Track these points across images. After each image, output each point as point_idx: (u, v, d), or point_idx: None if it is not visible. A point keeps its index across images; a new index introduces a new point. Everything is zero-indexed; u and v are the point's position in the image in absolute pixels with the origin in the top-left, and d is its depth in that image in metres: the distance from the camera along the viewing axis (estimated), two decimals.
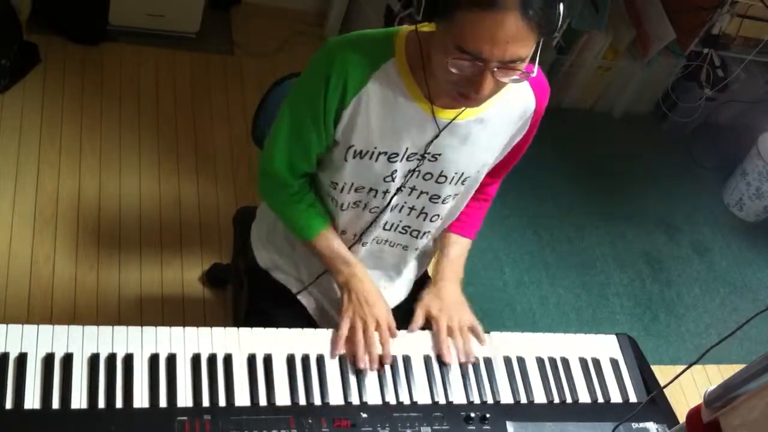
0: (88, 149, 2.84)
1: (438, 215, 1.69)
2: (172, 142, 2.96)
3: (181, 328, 1.55)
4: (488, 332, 1.75)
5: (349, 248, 1.73)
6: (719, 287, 3.35)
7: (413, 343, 1.67)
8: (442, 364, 1.64)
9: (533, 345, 1.75)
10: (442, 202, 1.66)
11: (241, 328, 1.59)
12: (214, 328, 1.57)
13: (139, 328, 1.52)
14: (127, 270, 2.59)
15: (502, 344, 1.73)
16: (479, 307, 2.92)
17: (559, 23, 1.31)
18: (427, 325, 1.71)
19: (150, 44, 3.20)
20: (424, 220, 1.69)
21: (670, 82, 3.72)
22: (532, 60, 1.33)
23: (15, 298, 2.43)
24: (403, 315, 1.73)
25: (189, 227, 2.76)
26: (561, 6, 1.30)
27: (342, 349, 1.59)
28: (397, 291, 1.88)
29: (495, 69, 1.30)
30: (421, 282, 1.94)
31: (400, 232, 1.73)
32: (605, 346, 1.81)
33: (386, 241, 1.75)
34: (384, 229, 1.71)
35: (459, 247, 1.78)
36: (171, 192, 2.83)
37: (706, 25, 3.44)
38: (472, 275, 3.01)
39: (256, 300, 1.87)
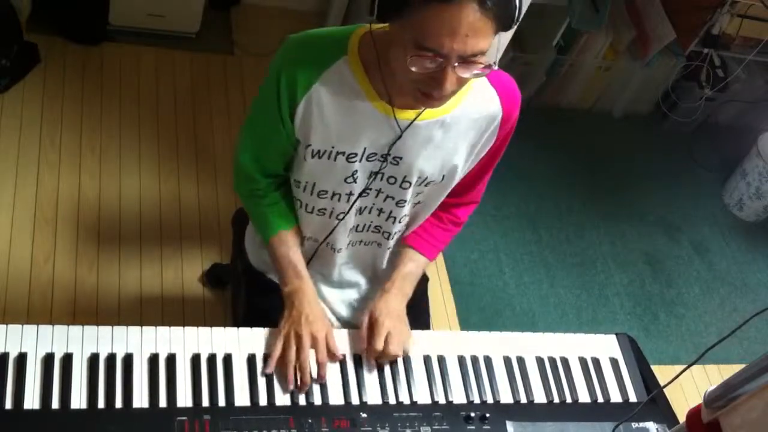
0: (88, 149, 2.84)
1: (406, 215, 1.69)
2: (172, 142, 2.95)
3: (180, 328, 1.55)
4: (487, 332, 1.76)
5: (315, 252, 1.73)
6: (719, 287, 3.35)
7: (413, 344, 1.67)
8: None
9: (533, 345, 1.75)
10: (408, 205, 1.65)
11: (240, 328, 1.59)
12: (213, 328, 1.57)
13: (139, 328, 1.52)
14: (127, 270, 2.59)
15: (502, 344, 1.74)
16: (479, 307, 2.94)
17: (516, 14, 1.30)
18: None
19: (150, 44, 3.20)
20: (393, 222, 1.68)
21: (670, 82, 3.71)
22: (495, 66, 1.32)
23: (15, 298, 2.43)
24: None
25: (189, 227, 2.76)
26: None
27: (272, 368, 1.54)
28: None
29: (456, 64, 1.28)
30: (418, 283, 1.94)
31: (372, 231, 1.72)
32: (605, 346, 1.81)
33: (360, 242, 1.74)
34: (357, 231, 1.70)
35: (414, 264, 1.75)
36: (171, 192, 2.82)
37: (706, 25, 3.44)
38: (472, 275, 3.01)
39: (254, 301, 1.87)
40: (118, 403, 1.42)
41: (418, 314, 1.95)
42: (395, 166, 1.55)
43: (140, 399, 1.44)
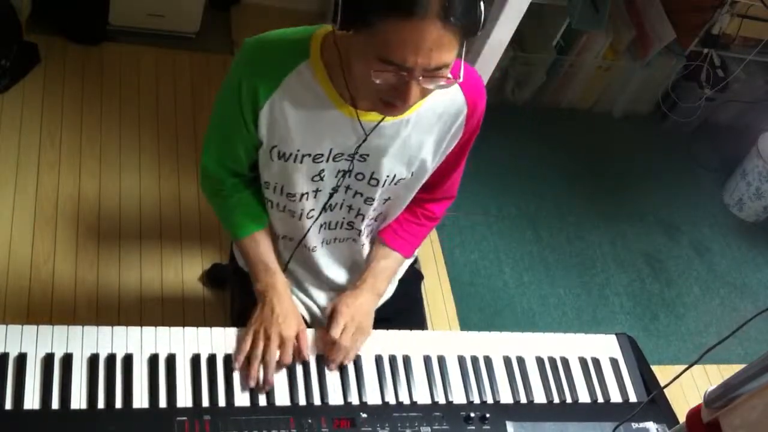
0: (88, 149, 2.84)
1: (375, 211, 1.68)
2: (172, 142, 2.95)
3: (180, 328, 1.55)
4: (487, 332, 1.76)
5: (292, 254, 1.72)
6: (719, 287, 3.35)
7: (413, 343, 1.68)
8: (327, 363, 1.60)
9: (533, 345, 1.75)
10: (377, 203, 1.64)
11: (240, 329, 1.59)
12: (213, 329, 1.57)
13: (139, 328, 1.52)
14: (127, 270, 2.59)
15: (502, 344, 1.74)
16: (479, 307, 2.94)
17: (481, 22, 1.28)
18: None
19: (150, 44, 3.20)
20: (362, 220, 1.68)
21: (670, 82, 3.71)
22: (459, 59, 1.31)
23: (15, 298, 2.43)
24: (393, 312, 1.76)
25: (189, 227, 2.76)
26: (482, 4, 1.27)
27: (240, 363, 1.53)
28: None
29: (420, 78, 1.27)
30: (411, 280, 1.94)
31: (345, 228, 1.71)
32: (605, 346, 1.81)
33: (335, 239, 1.74)
34: (329, 228, 1.70)
35: (388, 261, 1.74)
36: (171, 192, 2.82)
37: (706, 25, 3.44)
38: (472, 275, 3.01)
39: (245, 300, 1.86)
40: (118, 404, 1.42)
41: (414, 313, 1.95)
42: (362, 162, 1.55)
43: (140, 399, 1.44)
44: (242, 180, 1.65)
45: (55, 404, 1.39)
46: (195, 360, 1.51)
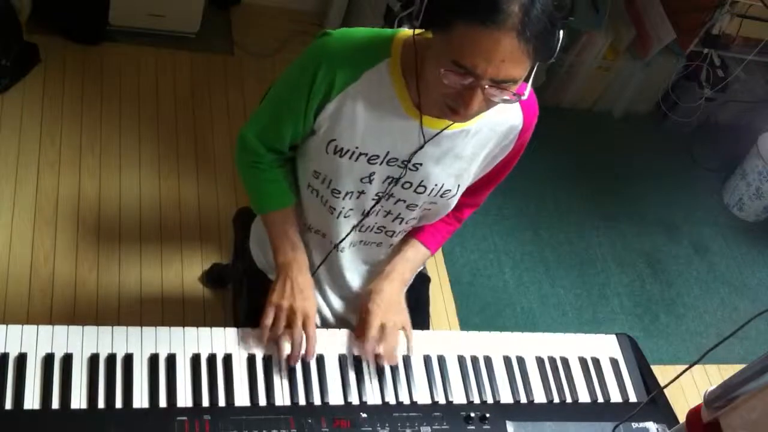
0: (88, 149, 2.84)
1: (414, 218, 1.70)
2: (172, 142, 2.95)
3: (180, 328, 1.55)
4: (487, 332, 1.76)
5: (327, 256, 1.73)
6: (719, 287, 3.35)
7: (413, 344, 1.68)
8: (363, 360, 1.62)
9: (533, 345, 1.76)
10: (419, 210, 1.66)
11: (241, 329, 1.59)
12: (213, 329, 1.57)
13: (139, 328, 1.52)
14: (127, 270, 2.59)
15: (502, 344, 1.74)
16: (479, 307, 2.94)
17: (557, 49, 1.31)
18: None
19: (150, 44, 3.20)
20: (400, 223, 1.69)
21: (670, 82, 3.71)
22: (526, 81, 1.33)
23: (15, 298, 2.43)
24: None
25: (189, 227, 2.76)
26: (561, 33, 1.30)
27: (266, 338, 1.57)
28: None
29: (487, 87, 1.29)
30: (418, 282, 1.93)
31: (375, 232, 1.72)
32: (605, 346, 1.81)
33: (361, 241, 1.74)
34: (360, 231, 1.70)
35: (416, 252, 1.76)
36: (171, 192, 2.82)
37: (706, 25, 3.44)
38: (472, 275, 3.01)
39: (256, 301, 1.87)
40: (118, 404, 1.42)
41: (418, 315, 1.95)
42: (413, 172, 1.56)
43: (140, 399, 1.44)
44: (280, 157, 1.66)
45: (55, 404, 1.39)
46: (195, 360, 1.51)
